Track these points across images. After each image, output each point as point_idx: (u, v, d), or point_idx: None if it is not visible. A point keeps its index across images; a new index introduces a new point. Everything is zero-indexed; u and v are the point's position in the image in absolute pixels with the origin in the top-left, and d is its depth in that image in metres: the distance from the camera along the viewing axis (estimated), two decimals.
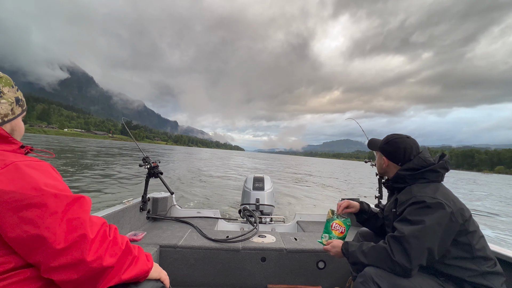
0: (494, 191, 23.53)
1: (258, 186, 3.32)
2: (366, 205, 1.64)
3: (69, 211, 0.71)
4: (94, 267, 0.72)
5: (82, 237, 0.70)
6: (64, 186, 0.77)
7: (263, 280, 2.03)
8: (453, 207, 1.13)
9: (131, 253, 0.85)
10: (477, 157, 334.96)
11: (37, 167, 0.74)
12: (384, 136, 1.47)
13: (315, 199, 10.89)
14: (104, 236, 0.77)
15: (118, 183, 9.92)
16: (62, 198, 0.71)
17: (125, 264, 0.82)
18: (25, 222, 0.66)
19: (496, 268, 1.15)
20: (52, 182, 0.73)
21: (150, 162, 2.49)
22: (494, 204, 14.27)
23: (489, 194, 20.59)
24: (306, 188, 14.20)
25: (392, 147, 1.38)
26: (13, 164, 0.70)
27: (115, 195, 7.87)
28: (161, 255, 2.00)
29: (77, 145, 40.08)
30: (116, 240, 0.81)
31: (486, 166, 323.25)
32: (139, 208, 2.46)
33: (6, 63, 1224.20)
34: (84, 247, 0.70)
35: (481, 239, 1.17)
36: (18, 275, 0.69)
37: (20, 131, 0.90)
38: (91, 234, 0.73)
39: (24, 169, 0.70)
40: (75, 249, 0.69)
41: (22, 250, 0.68)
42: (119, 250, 0.80)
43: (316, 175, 25.57)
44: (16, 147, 0.84)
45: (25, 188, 0.67)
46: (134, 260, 0.86)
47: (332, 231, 1.49)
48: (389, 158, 1.39)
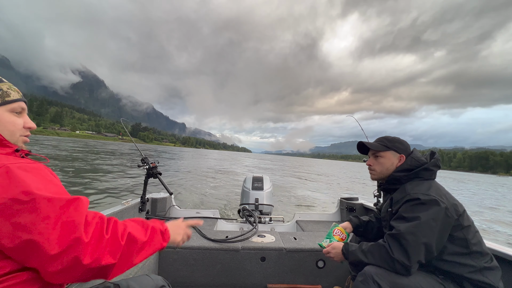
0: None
1: (257, 186, 3.32)
2: (355, 219, 1.65)
3: (63, 214, 0.69)
4: (92, 267, 0.71)
5: (76, 240, 0.68)
6: (59, 189, 0.75)
7: (262, 280, 2.02)
8: (446, 202, 1.16)
9: (136, 241, 0.82)
10: (491, 159, 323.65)
11: (30, 169, 0.72)
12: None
13: (315, 198, 10.85)
14: (101, 236, 0.74)
15: (118, 183, 10.05)
16: (55, 202, 0.69)
17: (132, 254, 0.80)
18: (18, 228, 0.64)
19: (493, 263, 1.17)
20: (45, 185, 0.71)
21: (149, 162, 2.51)
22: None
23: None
24: (306, 188, 14.15)
25: (404, 145, 1.42)
26: (5, 167, 0.68)
27: (114, 195, 7.93)
28: (161, 255, 2.02)
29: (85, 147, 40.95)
30: (115, 236, 0.78)
31: (502, 168, 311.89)
32: (138, 209, 2.47)
33: (21, 68, 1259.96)
34: (79, 250, 0.68)
35: (476, 234, 1.19)
36: (16, 278, 0.68)
37: (6, 126, 0.82)
38: (85, 238, 0.70)
39: (16, 172, 0.68)
40: (70, 253, 0.67)
41: (17, 256, 0.67)
42: (119, 246, 0.77)
43: (316, 175, 25.35)
44: (10, 150, 0.81)
45: (16, 193, 0.65)
46: (144, 246, 0.84)
47: (333, 237, 1.53)
48: (406, 156, 1.40)
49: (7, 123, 0.83)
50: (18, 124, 0.86)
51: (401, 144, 1.42)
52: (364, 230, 1.62)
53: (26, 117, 0.90)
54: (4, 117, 0.82)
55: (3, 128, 0.81)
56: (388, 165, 1.43)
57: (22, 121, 0.88)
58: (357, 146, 1.56)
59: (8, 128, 0.83)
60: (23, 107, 0.89)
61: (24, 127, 0.89)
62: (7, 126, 0.82)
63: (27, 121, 0.90)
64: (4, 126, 0.82)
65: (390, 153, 1.42)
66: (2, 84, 0.85)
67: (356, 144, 1.57)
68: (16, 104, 0.86)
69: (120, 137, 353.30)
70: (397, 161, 1.41)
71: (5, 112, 0.83)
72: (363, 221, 1.64)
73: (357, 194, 13.40)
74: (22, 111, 0.89)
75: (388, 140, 1.45)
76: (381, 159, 1.45)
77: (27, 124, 0.90)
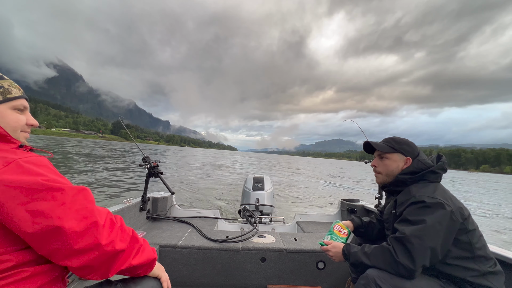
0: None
1: (258, 187, 3.33)
2: (357, 219, 1.63)
3: (76, 201, 0.74)
4: (108, 250, 0.76)
5: (94, 224, 0.74)
6: (66, 180, 0.79)
7: (262, 280, 2.03)
8: (452, 206, 1.13)
9: (137, 241, 0.89)
10: (463, 156, 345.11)
11: (37, 163, 0.76)
12: (377, 136, 1.46)
13: (315, 199, 10.95)
14: (112, 223, 0.81)
15: (117, 183, 9.81)
16: (67, 190, 0.73)
17: (133, 250, 0.86)
18: (36, 215, 0.67)
19: (496, 268, 1.15)
20: (54, 176, 0.75)
21: (150, 162, 2.48)
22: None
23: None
24: (306, 188, 14.27)
25: (412, 147, 1.38)
26: (15, 161, 0.71)
27: (115, 194, 7.80)
28: (161, 255, 1.99)
29: (71, 144, 39.11)
30: (123, 227, 0.86)
31: (472, 165, 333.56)
32: (139, 208, 2.45)
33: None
34: (97, 232, 0.74)
35: (480, 238, 1.18)
36: (19, 274, 0.70)
37: (9, 123, 0.84)
38: (101, 221, 0.76)
39: (26, 165, 0.72)
40: (90, 235, 0.73)
41: (37, 242, 0.70)
42: (127, 236, 0.85)
43: (317, 175, 25.82)
44: (14, 146, 0.83)
45: (31, 183, 0.69)
46: (141, 248, 0.90)
47: (334, 231, 1.51)
48: (412, 159, 1.36)
49: (11, 120, 0.84)
50: (21, 121, 0.87)
51: (409, 146, 1.38)
52: (365, 231, 1.60)
53: (29, 114, 0.92)
54: (7, 114, 0.84)
55: (6, 125, 0.82)
56: (394, 167, 1.39)
57: (25, 118, 0.90)
58: (364, 146, 1.53)
59: (11, 125, 0.84)
60: (25, 105, 0.90)
61: (27, 124, 0.90)
62: (10, 123, 0.83)
63: (29, 118, 0.92)
64: (7, 123, 0.83)
65: (397, 155, 1.38)
66: (3, 81, 0.86)
67: (362, 144, 1.55)
68: (18, 102, 0.87)
69: (100, 135, 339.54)
70: (403, 164, 1.37)
71: (7, 109, 0.84)
72: (364, 222, 1.61)
73: (357, 194, 13.68)
74: (24, 109, 0.90)
75: (396, 141, 1.40)
76: (386, 160, 1.41)
77: (30, 121, 0.92)
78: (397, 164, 1.38)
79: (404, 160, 1.37)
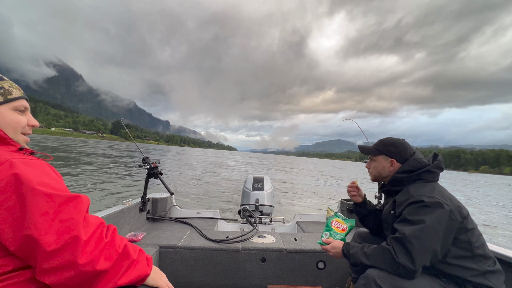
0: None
1: (258, 187, 3.32)
2: (368, 200, 1.67)
3: (62, 211, 0.69)
4: (86, 270, 0.69)
5: (74, 239, 0.68)
6: (61, 186, 0.75)
7: (263, 280, 2.04)
8: (451, 205, 1.13)
9: (129, 256, 0.80)
10: (463, 157, 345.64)
11: (33, 165, 0.73)
12: (377, 136, 1.45)
13: (315, 199, 10.95)
14: (100, 238, 0.74)
15: (117, 183, 9.80)
16: (55, 198, 0.69)
17: (122, 268, 0.77)
18: (17, 222, 0.65)
19: (496, 267, 1.15)
20: (47, 181, 0.71)
21: (150, 162, 2.47)
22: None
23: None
24: (305, 188, 14.28)
25: (397, 148, 1.38)
26: (8, 161, 0.69)
27: (115, 195, 7.79)
28: (161, 255, 1.99)
29: (72, 144, 39.17)
30: (113, 242, 0.78)
31: (472, 166, 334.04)
32: (139, 209, 2.44)
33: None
34: (76, 249, 0.68)
35: (479, 237, 1.18)
36: (18, 276, 0.68)
37: (10, 123, 0.82)
38: (84, 236, 0.70)
39: (19, 166, 0.69)
40: (67, 251, 0.67)
41: (19, 252, 0.67)
42: (115, 253, 0.76)
43: (317, 175, 25.82)
44: (14, 149, 0.82)
45: (18, 187, 0.66)
46: (132, 264, 0.81)
47: (332, 228, 1.49)
48: (397, 160, 1.37)
49: (11, 121, 0.83)
50: (22, 122, 0.86)
51: (395, 147, 1.39)
52: (367, 215, 1.62)
53: (29, 115, 0.91)
54: (8, 115, 0.82)
55: (7, 126, 0.81)
56: (379, 168, 1.42)
57: (26, 119, 0.89)
58: (359, 148, 1.58)
59: (12, 126, 0.83)
60: (26, 106, 0.89)
61: (28, 125, 0.89)
62: (11, 124, 0.82)
63: (30, 119, 0.90)
64: (8, 124, 0.82)
65: (381, 157, 1.42)
66: (4, 82, 0.85)
67: (363, 149, 1.58)
68: (18, 102, 0.86)
69: (100, 135, 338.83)
70: (389, 165, 1.39)
71: (8, 110, 0.83)
72: (373, 206, 1.63)
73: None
74: (25, 110, 0.89)
75: (384, 143, 1.43)
76: (373, 162, 1.46)
77: (31, 122, 0.90)
78: (382, 166, 1.41)
79: (389, 162, 1.39)
